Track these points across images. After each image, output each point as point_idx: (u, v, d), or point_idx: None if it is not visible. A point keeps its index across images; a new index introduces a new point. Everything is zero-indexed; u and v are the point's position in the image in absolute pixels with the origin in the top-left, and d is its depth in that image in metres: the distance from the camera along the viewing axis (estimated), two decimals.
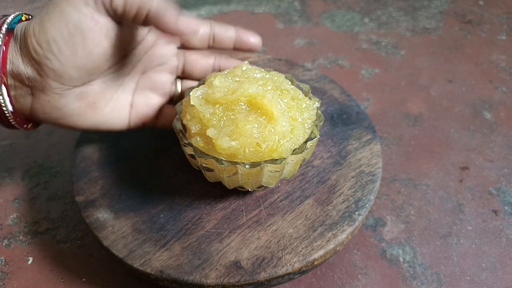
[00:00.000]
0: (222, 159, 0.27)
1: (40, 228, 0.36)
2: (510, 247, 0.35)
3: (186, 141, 0.28)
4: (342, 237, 0.29)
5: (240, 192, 0.32)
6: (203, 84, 0.31)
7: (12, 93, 0.27)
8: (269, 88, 0.29)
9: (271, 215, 0.31)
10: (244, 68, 0.31)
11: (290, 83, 0.31)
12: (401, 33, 0.59)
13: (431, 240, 0.35)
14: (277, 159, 0.27)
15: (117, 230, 0.30)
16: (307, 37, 0.59)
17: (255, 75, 0.30)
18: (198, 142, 0.28)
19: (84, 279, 0.33)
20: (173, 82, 0.34)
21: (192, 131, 0.28)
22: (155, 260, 0.28)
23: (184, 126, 0.29)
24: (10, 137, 0.44)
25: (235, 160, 0.27)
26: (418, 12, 0.64)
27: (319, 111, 0.30)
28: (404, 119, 0.46)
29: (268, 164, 0.27)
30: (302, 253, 0.28)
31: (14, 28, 0.26)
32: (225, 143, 0.26)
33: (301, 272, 0.29)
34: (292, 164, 0.29)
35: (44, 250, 0.35)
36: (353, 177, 0.33)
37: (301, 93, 0.30)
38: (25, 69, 0.26)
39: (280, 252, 0.28)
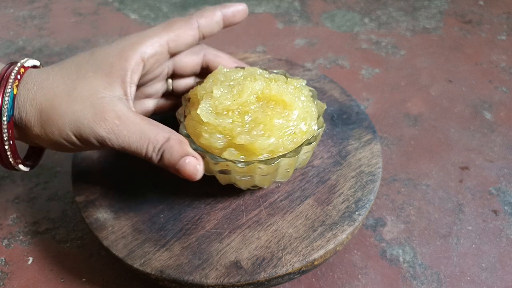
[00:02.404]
0: (261, 159, 0.27)
1: (40, 228, 0.36)
2: (510, 247, 0.35)
3: (214, 158, 0.27)
4: (342, 237, 0.29)
5: (240, 192, 0.32)
6: (188, 101, 0.31)
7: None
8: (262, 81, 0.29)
9: (271, 215, 0.31)
10: (225, 70, 0.31)
11: (267, 72, 0.32)
12: (401, 33, 0.59)
13: (431, 240, 0.35)
14: (312, 137, 0.28)
15: (117, 230, 0.30)
16: (307, 37, 0.59)
17: (238, 75, 0.30)
18: (233, 153, 0.27)
19: (84, 279, 0.33)
20: (164, 84, 0.34)
21: (219, 147, 0.27)
22: (155, 260, 0.28)
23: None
24: None
25: (276, 156, 0.27)
26: (418, 12, 0.64)
27: (309, 87, 0.31)
28: (404, 119, 0.46)
29: (304, 146, 0.28)
30: (302, 253, 0.28)
31: (12, 116, 0.26)
32: (265, 143, 0.26)
33: (301, 272, 0.29)
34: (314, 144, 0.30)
35: (44, 250, 0.35)
36: (353, 177, 0.33)
37: (284, 77, 0.31)
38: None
39: (280, 252, 0.28)
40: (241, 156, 0.27)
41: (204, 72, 0.34)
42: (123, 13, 0.64)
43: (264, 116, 0.27)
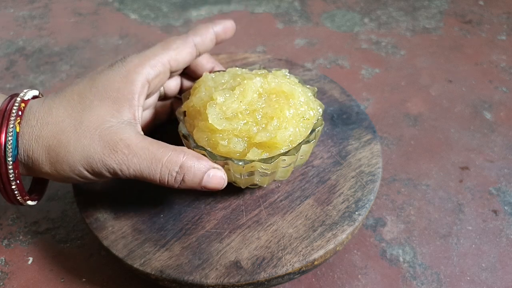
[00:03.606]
0: (282, 151, 0.27)
1: (40, 228, 0.36)
2: (510, 247, 0.35)
3: (245, 163, 0.27)
4: (342, 237, 0.29)
5: (240, 192, 0.32)
6: (184, 115, 0.30)
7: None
8: (259, 78, 0.29)
9: (271, 215, 0.31)
10: (213, 76, 0.30)
11: (247, 70, 0.32)
12: (401, 33, 0.59)
13: (431, 240, 0.35)
14: (319, 120, 0.29)
15: (117, 230, 0.30)
16: (307, 37, 0.59)
17: (224, 78, 0.30)
18: (258, 153, 0.27)
19: (84, 279, 0.33)
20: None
21: (240, 150, 0.27)
22: (155, 260, 0.28)
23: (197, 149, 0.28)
24: None
25: (296, 144, 0.27)
26: (418, 12, 0.64)
27: (293, 75, 0.32)
28: (404, 119, 0.46)
29: (319, 128, 0.29)
30: (302, 253, 0.28)
31: (17, 155, 0.25)
32: (285, 134, 0.27)
33: (301, 272, 0.29)
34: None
35: (44, 250, 0.35)
36: (353, 177, 0.33)
37: (266, 71, 0.31)
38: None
39: (280, 252, 0.28)
40: (265, 154, 0.27)
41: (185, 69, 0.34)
42: (123, 13, 0.64)
43: (272, 110, 0.27)
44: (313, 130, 0.29)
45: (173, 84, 0.34)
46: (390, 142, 0.44)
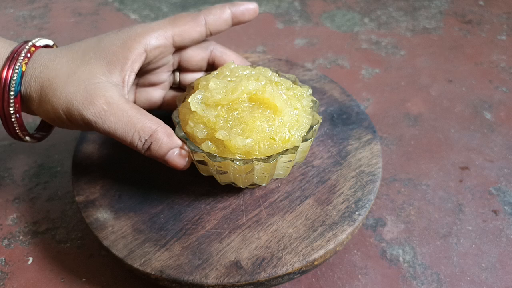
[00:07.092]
0: (238, 158, 0.27)
1: (40, 228, 0.36)
2: (510, 247, 0.35)
3: (193, 147, 0.28)
4: (342, 237, 0.29)
5: (240, 192, 0.32)
6: (192, 89, 0.31)
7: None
8: (263, 82, 0.29)
9: (271, 215, 0.31)
10: (232, 67, 0.31)
11: (277, 75, 0.32)
12: (401, 33, 0.59)
13: (431, 240, 0.35)
14: (291, 149, 0.27)
15: (117, 230, 0.30)
16: (307, 37, 0.59)
17: (244, 72, 0.30)
18: (209, 146, 0.27)
19: (84, 279, 0.33)
20: (170, 75, 0.34)
21: (200, 137, 0.28)
22: (155, 260, 0.28)
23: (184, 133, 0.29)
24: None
25: (251, 158, 0.27)
26: (418, 12, 0.64)
27: (313, 97, 0.31)
28: (404, 119, 0.46)
29: (283, 155, 0.27)
30: (302, 253, 0.28)
31: (19, 92, 0.28)
32: (239, 142, 0.26)
33: (301, 272, 0.29)
34: (301, 152, 0.29)
35: (44, 250, 0.35)
36: (353, 177, 0.33)
37: (291, 82, 0.31)
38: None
39: (280, 252, 0.28)
40: (216, 151, 0.27)
41: (210, 69, 0.34)
42: (123, 13, 0.64)
43: (250, 117, 0.27)
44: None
45: (190, 78, 0.35)
46: (390, 142, 0.44)
